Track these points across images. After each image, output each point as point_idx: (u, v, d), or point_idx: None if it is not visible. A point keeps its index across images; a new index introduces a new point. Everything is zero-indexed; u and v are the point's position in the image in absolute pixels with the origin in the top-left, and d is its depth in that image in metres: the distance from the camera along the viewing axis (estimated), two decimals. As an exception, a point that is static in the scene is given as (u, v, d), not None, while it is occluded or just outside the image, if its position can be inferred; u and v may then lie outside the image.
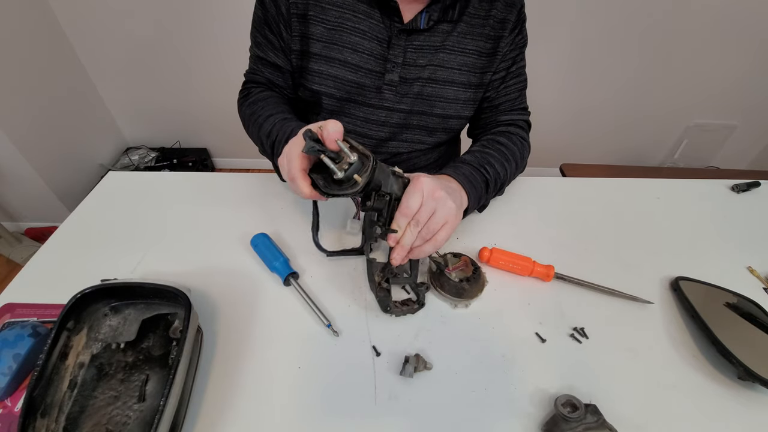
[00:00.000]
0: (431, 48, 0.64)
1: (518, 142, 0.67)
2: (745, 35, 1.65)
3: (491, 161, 0.61)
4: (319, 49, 0.63)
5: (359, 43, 0.63)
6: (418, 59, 0.64)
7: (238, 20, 1.46)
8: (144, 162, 1.98)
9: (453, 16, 0.62)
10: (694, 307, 0.51)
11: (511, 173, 0.65)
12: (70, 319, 0.42)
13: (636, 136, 2.03)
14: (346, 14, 0.62)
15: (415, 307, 0.51)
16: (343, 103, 0.68)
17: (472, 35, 0.64)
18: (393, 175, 0.47)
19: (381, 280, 0.52)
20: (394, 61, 0.63)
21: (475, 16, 0.64)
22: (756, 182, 0.77)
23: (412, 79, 0.65)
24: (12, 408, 0.41)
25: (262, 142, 0.64)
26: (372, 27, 0.62)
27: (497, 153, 0.63)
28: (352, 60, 0.64)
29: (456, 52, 0.64)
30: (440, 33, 0.63)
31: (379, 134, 0.71)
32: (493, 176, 0.60)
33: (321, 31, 0.62)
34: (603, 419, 0.39)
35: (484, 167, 0.60)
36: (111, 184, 0.71)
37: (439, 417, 0.42)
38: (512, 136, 0.68)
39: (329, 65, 0.64)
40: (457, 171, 0.57)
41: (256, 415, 0.42)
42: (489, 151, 0.63)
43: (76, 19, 1.62)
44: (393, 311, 0.50)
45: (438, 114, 0.69)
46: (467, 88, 0.67)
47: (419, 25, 0.61)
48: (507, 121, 0.71)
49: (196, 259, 0.57)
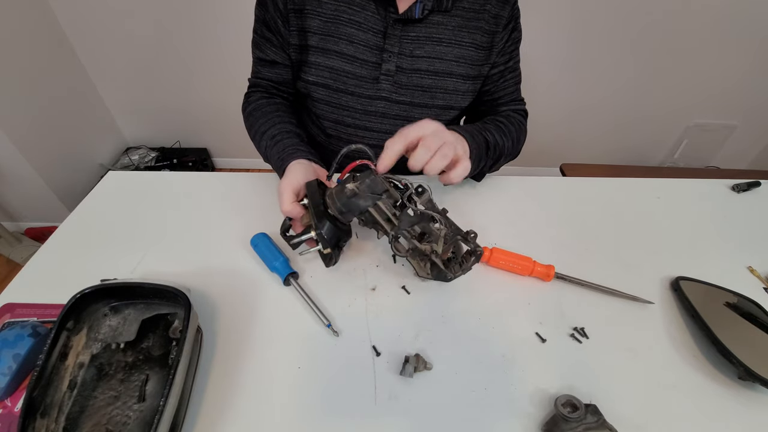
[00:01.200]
0: (428, 39, 0.64)
1: (516, 123, 0.71)
2: (745, 35, 1.65)
3: (491, 129, 0.64)
4: (316, 41, 0.64)
5: (355, 35, 0.63)
6: (415, 50, 0.65)
7: (239, 20, 1.46)
8: (144, 162, 1.98)
9: (447, 6, 0.63)
10: (694, 307, 0.51)
11: (507, 148, 0.67)
12: (69, 319, 0.42)
13: (636, 136, 2.03)
14: (342, 6, 0.63)
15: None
16: (340, 95, 0.68)
17: (468, 29, 0.65)
18: (354, 197, 0.48)
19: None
20: (390, 51, 0.64)
21: (469, 10, 0.65)
22: (756, 182, 0.77)
23: (409, 70, 0.66)
24: (12, 408, 0.41)
25: (262, 155, 0.69)
26: (367, 18, 0.63)
27: (495, 126, 0.66)
28: (348, 51, 0.64)
29: (453, 44, 0.65)
30: (435, 24, 0.64)
31: (379, 126, 0.71)
32: (492, 141, 0.62)
33: (318, 24, 0.64)
34: (603, 419, 0.39)
35: (484, 131, 0.62)
36: (111, 184, 0.71)
37: (439, 417, 0.42)
38: (511, 117, 0.71)
39: (326, 57, 0.65)
40: (459, 128, 0.58)
41: (256, 415, 0.42)
42: (488, 125, 0.66)
43: (76, 19, 1.62)
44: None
45: (439, 105, 0.69)
46: (466, 80, 0.68)
47: (414, 14, 0.62)
48: (504, 113, 0.73)
49: (196, 259, 0.57)
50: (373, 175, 0.48)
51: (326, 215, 0.49)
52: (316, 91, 0.69)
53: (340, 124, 0.72)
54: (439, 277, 0.51)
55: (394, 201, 0.50)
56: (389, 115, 0.70)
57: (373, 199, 0.48)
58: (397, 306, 0.52)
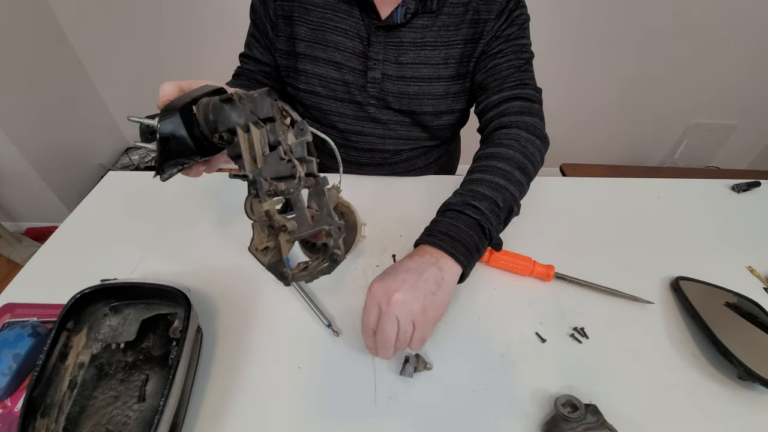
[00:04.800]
0: (412, 45, 0.63)
1: (514, 139, 0.54)
2: (745, 35, 1.65)
3: (480, 191, 0.48)
4: (304, 48, 0.65)
5: (341, 42, 0.64)
6: (400, 56, 0.64)
7: (239, 20, 1.46)
8: (144, 162, 1.97)
9: (432, 6, 0.61)
10: (694, 307, 0.51)
11: (517, 184, 0.50)
12: (70, 319, 0.42)
13: (636, 136, 2.03)
14: (328, 14, 0.63)
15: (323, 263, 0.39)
16: (330, 101, 0.69)
17: (456, 25, 0.62)
18: (228, 104, 0.37)
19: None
20: (375, 58, 0.64)
21: (458, 5, 0.62)
22: (756, 182, 0.77)
23: (395, 77, 0.65)
24: (12, 408, 0.41)
25: None
26: (352, 25, 0.63)
27: (487, 173, 0.50)
28: (336, 58, 0.64)
29: (439, 46, 0.63)
30: (420, 28, 0.63)
31: (372, 131, 0.71)
32: (485, 211, 0.46)
33: (305, 32, 0.64)
34: (603, 419, 0.39)
35: (470, 205, 0.46)
36: (111, 184, 0.71)
37: (439, 417, 0.42)
38: (503, 134, 0.56)
39: (314, 64, 0.65)
40: (433, 230, 0.45)
41: (256, 415, 0.42)
42: (476, 177, 0.50)
43: (76, 18, 1.61)
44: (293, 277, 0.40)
45: (427, 111, 0.68)
46: (457, 80, 0.66)
47: (396, 20, 0.61)
48: (498, 104, 0.61)
49: (196, 259, 0.57)
50: (267, 96, 0.37)
51: (184, 114, 0.37)
52: (307, 98, 0.69)
53: (332, 128, 0.72)
54: (273, 270, 0.40)
55: (275, 141, 0.37)
56: (381, 120, 0.70)
57: (248, 119, 0.36)
58: (397, 306, 0.52)
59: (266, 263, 0.40)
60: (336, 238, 0.38)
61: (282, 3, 0.64)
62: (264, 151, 0.37)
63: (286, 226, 0.38)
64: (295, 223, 0.39)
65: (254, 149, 0.37)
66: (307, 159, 0.39)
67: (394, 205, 0.68)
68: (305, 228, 0.38)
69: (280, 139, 0.37)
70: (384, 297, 0.39)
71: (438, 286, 0.40)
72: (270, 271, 0.40)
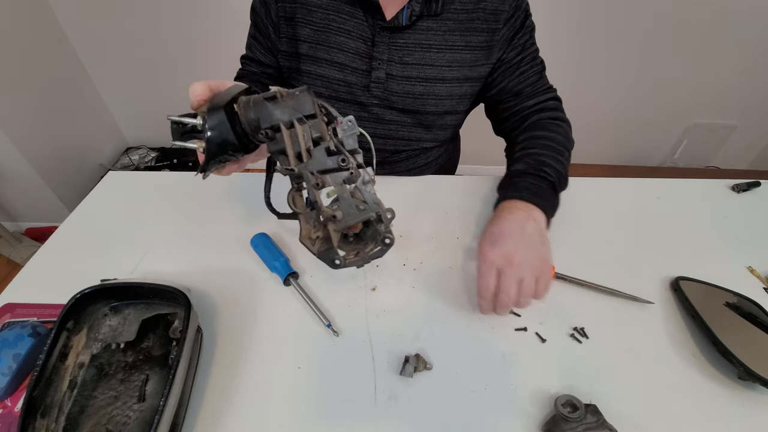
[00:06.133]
0: (417, 46, 0.64)
1: (555, 127, 0.65)
2: (745, 35, 1.65)
3: (545, 160, 0.58)
4: (306, 49, 0.65)
5: (345, 43, 0.64)
6: (404, 57, 0.64)
7: (239, 21, 1.46)
8: (144, 162, 1.97)
9: (436, 10, 0.62)
10: (694, 307, 0.51)
11: (567, 162, 0.62)
12: (69, 319, 0.42)
13: (636, 136, 2.03)
14: (331, 15, 0.63)
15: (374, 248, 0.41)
16: (333, 102, 0.68)
17: (461, 31, 0.64)
18: (271, 101, 0.38)
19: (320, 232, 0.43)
20: (379, 58, 0.64)
21: (461, 11, 0.63)
22: (756, 182, 0.77)
23: (399, 77, 0.65)
24: (12, 408, 0.41)
25: None
26: (356, 26, 0.63)
27: (545, 149, 0.60)
28: (339, 59, 0.65)
29: (444, 49, 0.64)
30: (425, 30, 0.63)
31: (374, 131, 0.71)
32: (555, 176, 0.57)
33: (308, 33, 0.64)
34: (603, 419, 0.39)
35: (542, 170, 0.57)
36: (111, 184, 0.71)
37: (439, 417, 0.42)
38: (547, 123, 0.66)
39: (317, 65, 0.66)
40: (517, 187, 0.55)
41: (256, 415, 0.42)
42: (536, 151, 0.61)
43: (76, 18, 1.61)
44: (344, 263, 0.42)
45: (431, 111, 0.69)
46: (462, 83, 0.67)
47: (401, 21, 0.61)
48: (534, 106, 0.69)
49: (196, 259, 0.57)
50: (308, 94, 0.38)
51: (228, 112, 0.38)
52: None
53: None
54: (324, 258, 0.42)
55: (319, 136, 0.39)
56: (384, 120, 0.70)
57: (291, 115, 0.38)
58: (397, 306, 0.52)
59: (316, 252, 0.43)
60: (386, 223, 0.41)
61: (284, 4, 0.64)
62: (308, 146, 0.38)
63: (335, 216, 0.39)
64: (341, 213, 0.40)
65: (299, 144, 0.38)
66: (357, 151, 0.41)
67: (394, 205, 0.66)
68: (353, 216, 0.40)
69: (329, 134, 0.39)
70: (504, 261, 0.44)
71: (541, 236, 0.47)
72: (320, 259, 0.43)
